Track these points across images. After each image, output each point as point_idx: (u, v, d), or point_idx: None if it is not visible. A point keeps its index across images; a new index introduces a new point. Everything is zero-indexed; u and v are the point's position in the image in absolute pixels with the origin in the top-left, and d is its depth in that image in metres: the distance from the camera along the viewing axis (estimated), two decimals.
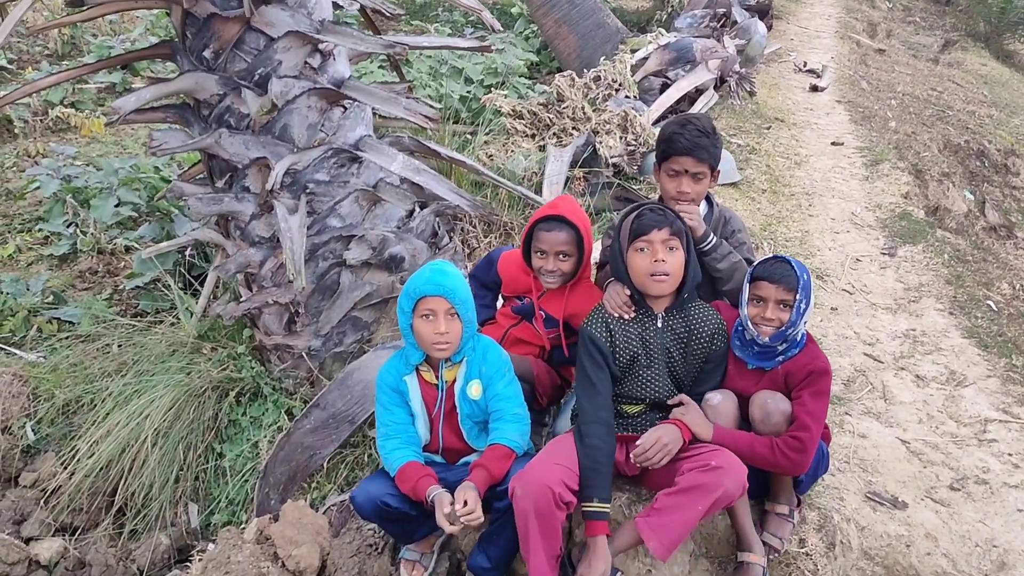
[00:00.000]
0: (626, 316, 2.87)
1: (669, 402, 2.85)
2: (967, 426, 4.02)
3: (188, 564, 3.69)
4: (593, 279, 3.39)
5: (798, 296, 2.74)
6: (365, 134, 4.05)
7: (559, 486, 2.62)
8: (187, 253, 5.15)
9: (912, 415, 4.07)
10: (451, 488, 2.81)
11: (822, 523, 3.24)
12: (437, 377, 2.96)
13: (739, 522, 2.92)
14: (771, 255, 2.84)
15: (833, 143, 7.66)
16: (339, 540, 3.31)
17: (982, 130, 9.84)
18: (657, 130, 6.04)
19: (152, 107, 4.00)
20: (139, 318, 5.06)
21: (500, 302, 3.56)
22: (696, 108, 7.42)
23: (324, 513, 3.58)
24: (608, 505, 2.71)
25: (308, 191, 3.87)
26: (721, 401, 2.84)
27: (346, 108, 4.02)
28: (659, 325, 2.87)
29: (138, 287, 5.32)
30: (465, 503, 2.62)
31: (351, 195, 3.95)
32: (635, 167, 5.79)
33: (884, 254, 5.64)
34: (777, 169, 6.75)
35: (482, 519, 2.64)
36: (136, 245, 5.70)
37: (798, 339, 2.85)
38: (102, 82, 8.63)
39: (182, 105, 4.02)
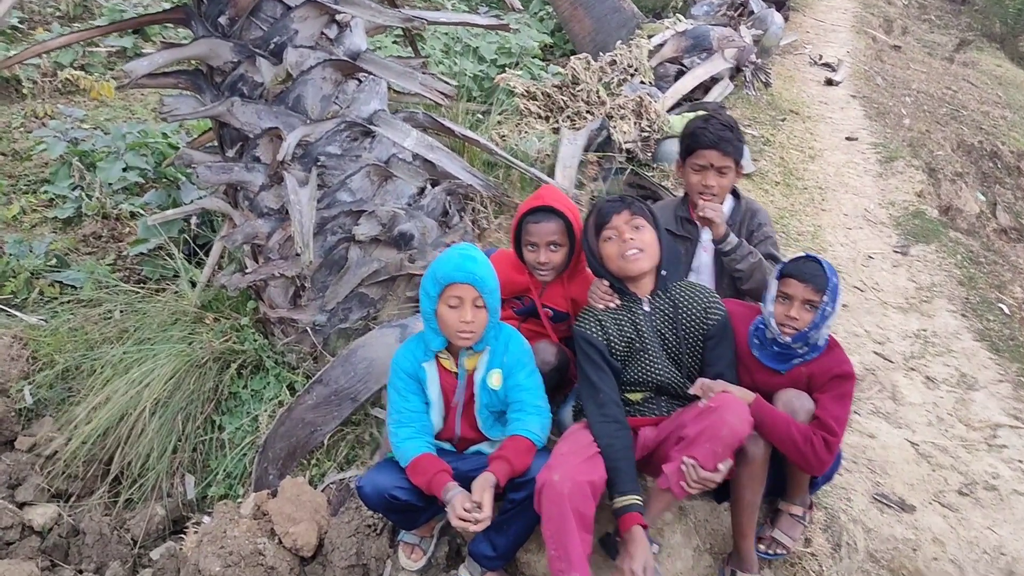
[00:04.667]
0: (612, 304, 2.87)
1: (691, 390, 2.77)
2: (977, 430, 3.98)
3: (183, 536, 3.67)
4: None
5: (825, 298, 2.68)
6: (379, 108, 3.97)
7: (598, 478, 2.62)
8: (192, 222, 5.08)
9: (921, 417, 4.03)
10: (462, 478, 2.76)
11: (828, 523, 3.21)
12: (457, 365, 2.89)
13: (740, 528, 2.85)
14: (803, 254, 2.80)
15: (847, 138, 7.58)
16: (337, 519, 3.27)
17: (996, 131, 9.74)
18: (672, 117, 5.97)
19: (164, 72, 3.94)
20: (142, 285, 5.00)
21: None
22: (711, 97, 7.33)
23: (323, 491, 3.54)
24: (638, 496, 2.66)
25: (319, 164, 3.79)
26: None
27: (361, 81, 3.94)
28: (647, 309, 2.86)
29: (142, 254, 5.25)
30: (480, 506, 2.57)
31: (362, 170, 3.88)
32: (648, 153, 5.71)
33: (897, 252, 5.59)
34: (791, 162, 6.68)
35: (489, 523, 2.57)
36: (141, 211, 5.62)
37: (819, 343, 2.79)
38: (113, 46, 8.53)
39: (195, 72, 3.93)
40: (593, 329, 2.85)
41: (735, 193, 3.33)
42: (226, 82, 3.75)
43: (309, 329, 3.90)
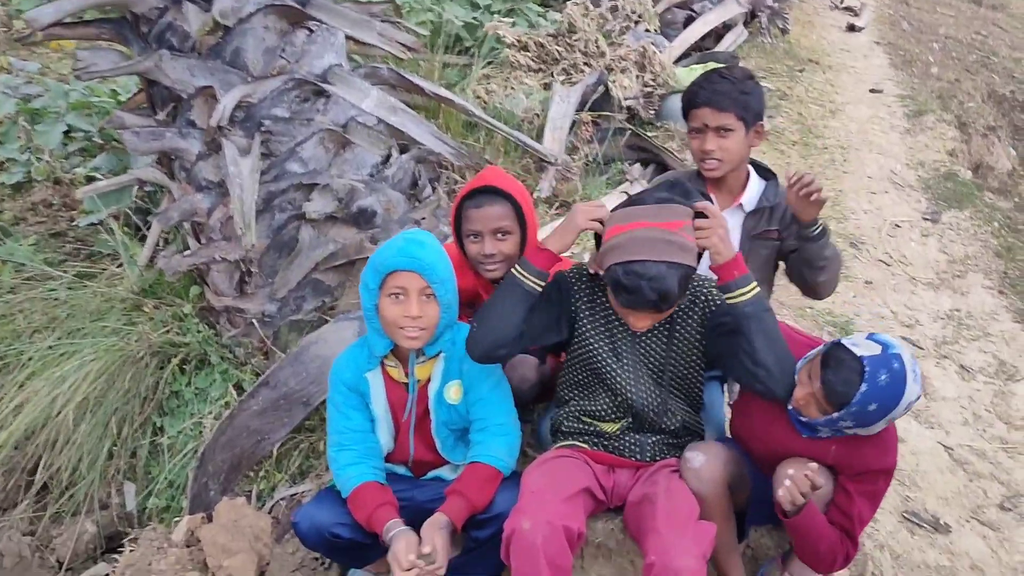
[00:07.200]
0: None
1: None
2: (1020, 429, 3.50)
3: (117, 556, 3.23)
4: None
5: (838, 414, 2.04)
6: (335, 63, 3.43)
7: (576, 524, 2.17)
8: (137, 191, 4.56)
9: (956, 414, 3.54)
10: (419, 509, 2.33)
11: None
12: (407, 374, 2.42)
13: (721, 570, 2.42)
14: (840, 341, 2.10)
15: (872, 90, 6.98)
16: (281, 549, 2.83)
17: None
18: (679, 69, 5.40)
19: (85, 21, 3.42)
20: (92, 261, 4.53)
21: None
22: (723, 45, 6.74)
23: (272, 508, 3.10)
24: None
25: (264, 129, 3.27)
26: (704, 464, 2.25)
27: (312, 31, 3.39)
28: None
29: (92, 225, 4.76)
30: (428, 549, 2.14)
31: (315, 135, 3.35)
32: (652, 111, 5.16)
33: (926, 220, 5.04)
34: (810, 118, 6.10)
35: (443, 572, 2.14)
36: (99, 176, 5.12)
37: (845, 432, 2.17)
38: None
39: (120, 20, 3.40)
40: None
41: (764, 172, 2.77)
42: (153, 32, 3.23)
43: (256, 321, 3.42)
